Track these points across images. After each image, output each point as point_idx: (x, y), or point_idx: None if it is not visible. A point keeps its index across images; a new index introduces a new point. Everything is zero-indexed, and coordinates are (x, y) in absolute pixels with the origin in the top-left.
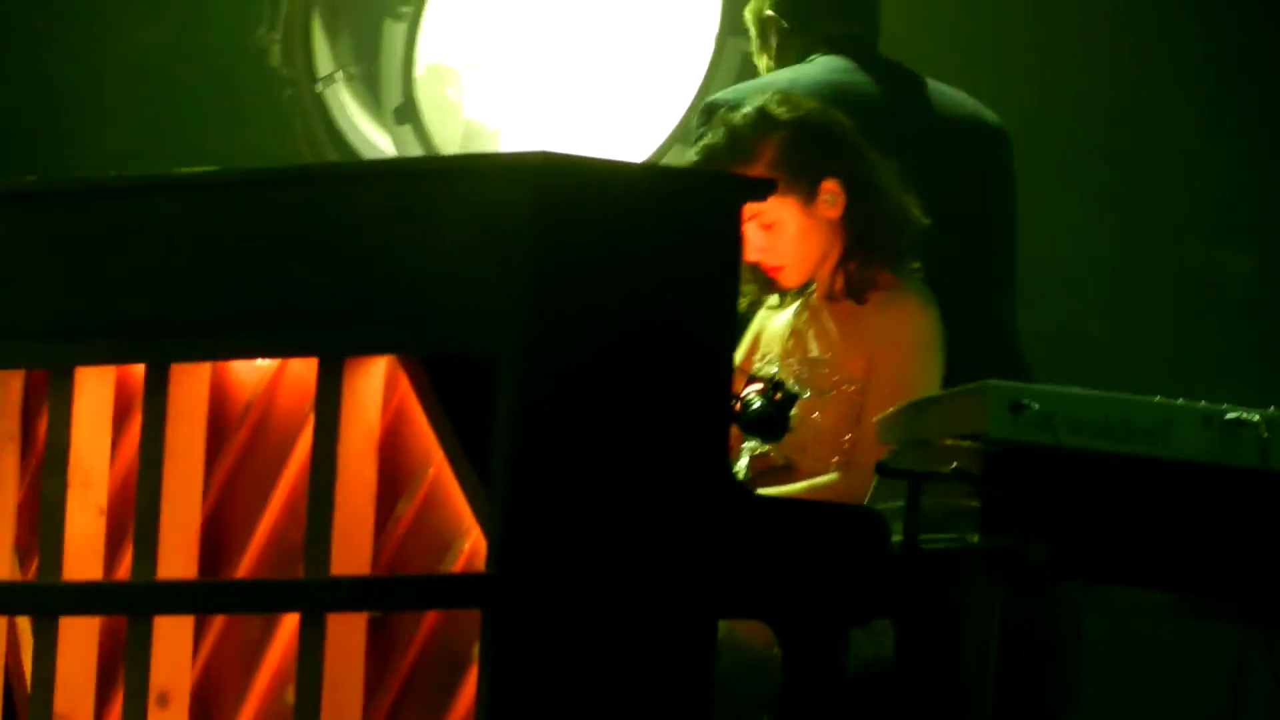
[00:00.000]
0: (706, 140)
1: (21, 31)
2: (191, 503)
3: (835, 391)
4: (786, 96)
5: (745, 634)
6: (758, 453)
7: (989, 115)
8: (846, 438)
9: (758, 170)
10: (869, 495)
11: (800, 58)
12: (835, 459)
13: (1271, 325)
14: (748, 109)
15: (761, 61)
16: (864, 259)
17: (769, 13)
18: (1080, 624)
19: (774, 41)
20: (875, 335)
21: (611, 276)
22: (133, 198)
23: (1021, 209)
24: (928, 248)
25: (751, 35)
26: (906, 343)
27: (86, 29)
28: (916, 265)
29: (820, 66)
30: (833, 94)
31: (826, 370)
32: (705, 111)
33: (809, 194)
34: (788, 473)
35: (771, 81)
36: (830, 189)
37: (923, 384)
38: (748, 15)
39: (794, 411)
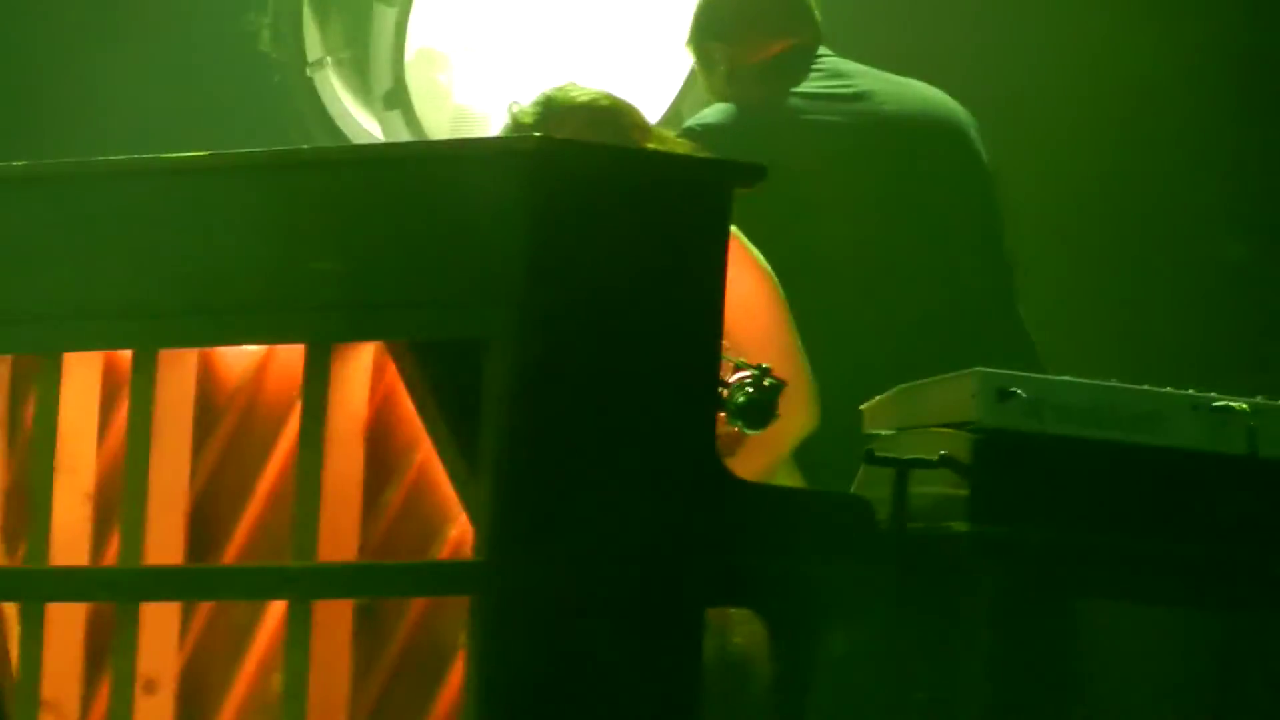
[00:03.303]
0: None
1: (10, 16)
2: (178, 489)
3: None
4: (574, 85)
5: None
6: None
7: (953, 106)
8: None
9: None
10: (856, 482)
11: (755, 78)
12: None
13: (1261, 314)
14: (535, 100)
15: (712, 89)
16: None
17: (712, 42)
18: (1071, 613)
19: (723, 69)
20: None
21: (603, 262)
22: (120, 182)
23: (1011, 200)
24: (904, 245)
25: (697, 67)
26: (740, 278)
27: (76, 13)
28: None
29: (778, 81)
30: (803, 113)
31: None
32: (684, 134)
33: None
34: None
35: (741, 110)
36: None
37: (759, 290)
38: (689, 48)
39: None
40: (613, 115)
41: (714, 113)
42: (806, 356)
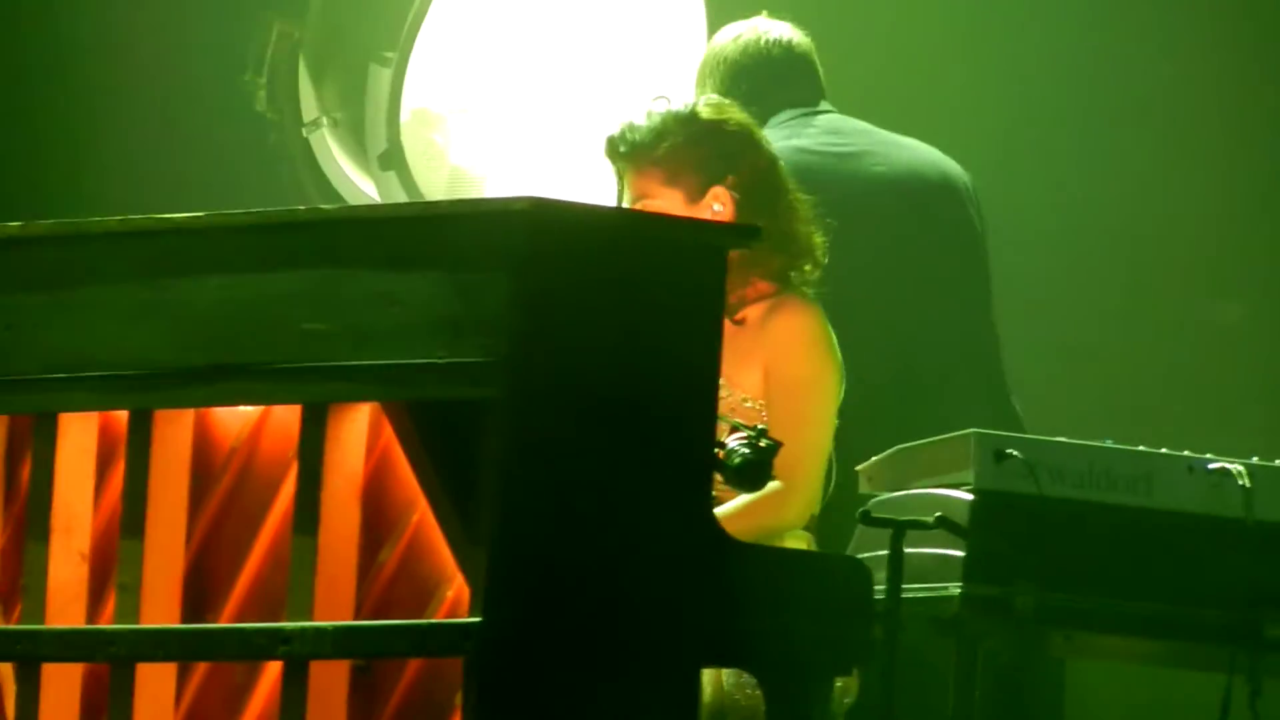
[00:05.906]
0: (629, 122)
1: (8, 75)
2: (174, 549)
3: (736, 411)
4: (720, 102)
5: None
6: None
7: (950, 166)
8: None
9: (652, 157)
10: (851, 544)
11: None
12: None
13: (1258, 375)
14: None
15: None
16: (741, 275)
17: (715, 95)
18: (1062, 673)
19: None
20: (766, 345)
21: (599, 323)
22: (116, 242)
23: (1007, 261)
24: (901, 301)
25: None
26: (796, 343)
27: (75, 74)
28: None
29: (781, 135)
30: (800, 161)
31: (723, 392)
32: None
33: (696, 193)
34: None
35: None
36: (717, 195)
37: (819, 383)
38: (697, 88)
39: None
40: (733, 140)
41: None
42: (830, 464)
